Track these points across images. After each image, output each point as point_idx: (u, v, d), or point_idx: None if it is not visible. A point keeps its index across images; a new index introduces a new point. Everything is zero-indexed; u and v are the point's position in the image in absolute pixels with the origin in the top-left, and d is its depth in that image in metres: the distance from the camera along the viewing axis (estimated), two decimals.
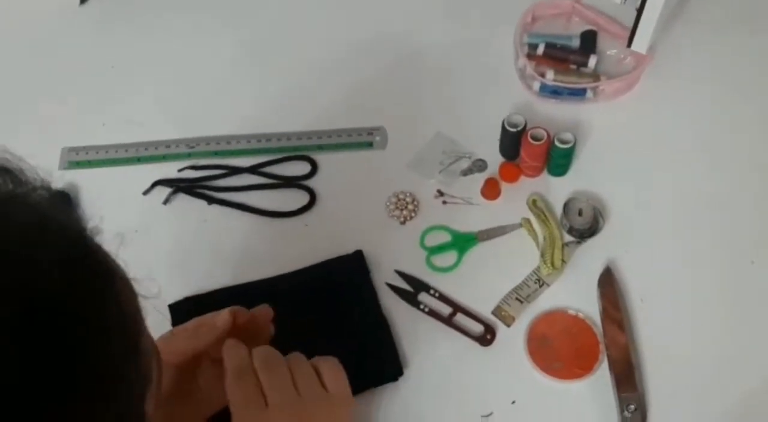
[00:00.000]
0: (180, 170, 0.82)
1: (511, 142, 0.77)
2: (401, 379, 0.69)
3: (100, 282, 0.38)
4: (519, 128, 0.75)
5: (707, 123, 0.82)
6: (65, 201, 0.78)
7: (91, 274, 0.37)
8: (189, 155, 0.83)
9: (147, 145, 0.84)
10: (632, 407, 0.66)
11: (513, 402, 0.68)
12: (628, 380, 0.68)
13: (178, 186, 0.80)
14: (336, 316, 0.71)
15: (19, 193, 0.37)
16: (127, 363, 0.39)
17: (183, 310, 0.72)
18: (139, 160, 0.83)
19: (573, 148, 0.75)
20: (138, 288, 0.41)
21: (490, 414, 0.67)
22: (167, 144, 0.84)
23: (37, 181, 0.38)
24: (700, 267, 0.74)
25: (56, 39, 0.94)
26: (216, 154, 0.83)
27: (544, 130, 0.75)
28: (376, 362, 0.69)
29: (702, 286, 0.73)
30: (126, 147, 0.84)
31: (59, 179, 0.40)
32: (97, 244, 0.39)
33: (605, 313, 0.71)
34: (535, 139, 0.75)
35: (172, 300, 0.73)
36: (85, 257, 0.38)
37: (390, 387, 0.69)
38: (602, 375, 0.69)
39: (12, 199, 0.37)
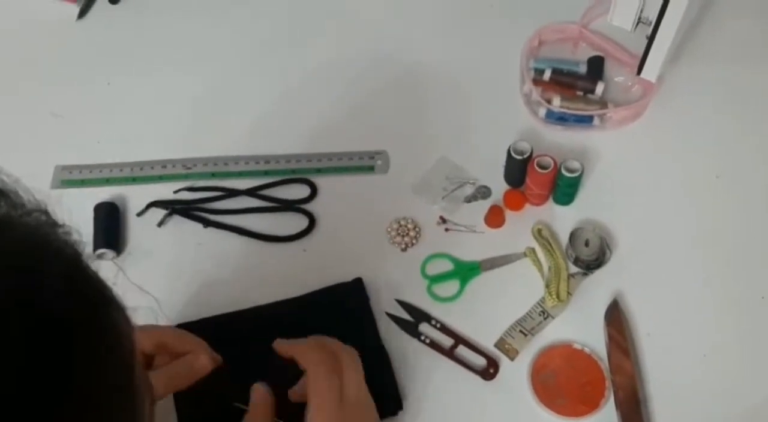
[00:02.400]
0: (176, 191, 0.80)
1: (517, 169, 0.75)
2: (400, 413, 0.67)
3: (97, 307, 0.36)
4: (525, 155, 0.74)
5: (716, 152, 0.81)
6: (114, 212, 0.78)
7: (87, 298, 0.36)
8: (186, 176, 0.81)
9: (142, 164, 0.82)
10: None
11: None
12: (635, 417, 0.65)
13: (174, 208, 0.78)
14: None
15: (14, 216, 0.35)
16: (120, 397, 0.37)
17: None
18: (134, 180, 0.81)
19: (580, 177, 0.74)
20: (133, 318, 0.40)
21: None
22: (163, 164, 0.82)
23: (32, 204, 0.37)
24: (709, 301, 0.72)
25: (51, 54, 0.92)
26: (213, 175, 0.81)
27: (551, 157, 0.73)
28: (375, 394, 0.66)
29: (711, 321, 0.71)
30: (121, 166, 0.82)
31: (50, 198, 0.39)
32: (93, 270, 0.37)
33: (612, 348, 0.69)
34: (541, 167, 0.73)
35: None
36: (83, 280, 0.36)
37: (389, 421, 0.66)
38: (608, 412, 0.67)
39: (8, 220, 0.35)
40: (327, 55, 0.90)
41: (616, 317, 0.70)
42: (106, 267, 0.38)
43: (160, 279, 0.74)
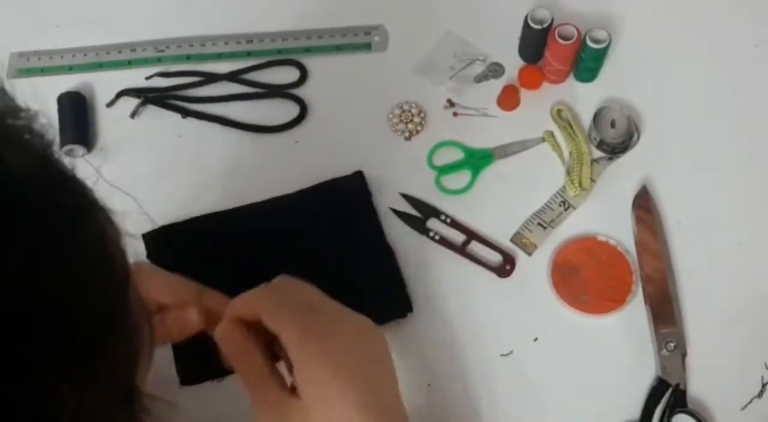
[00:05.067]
0: (148, 78, 0.72)
1: (535, 41, 0.67)
2: (410, 316, 0.62)
3: (73, 209, 0.29)
4: (545, 25, 0.65)
5: (757, 18, 0.72)
6: (81, 102, 0.70)
7: (60, 198, 0.29)
8: (158, 60, 0.73)
9: (109, 48, 0.74)
10: (671, 344, 0.59)
11: (535, 339, 0.61)
12: (666, 314, 0.60)
13: (147, 96, 0.71)
14: (333, 247, 0.63)
15: None
16: (114, 317, 0.30)
17: (158, 241, 0.64)
18: (100, 66, 0.73)
19: (607, 49, 0.65)
20: (122, 224, 0.33)
21: (510, 352, 0.61)
22: (132, 47, 0.74)
23: None
24: (747, 185, 0.66)
25: None
26: (189, 58, 0.73)
27: (574, 26, 0.65)
28: (382, 297, 0.62)
29: (748, 207, 0.65)
30: (85, 51, 0.74)
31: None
32: (66, 165, 0.30)
33: (640, 239, 0.63)
34: (563, 37, 0.64)
35: (145, 229, 0.64)
36: (54, 176, 0.29)
37: (398, 324, 0.61)
38: (635, 308, 0.62)
39: None
40: None
41: (645, 205, 0.64)
42: (77, 166, 0.31)
43: (138, 177, 0.67)
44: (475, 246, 0.64)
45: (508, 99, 0.68)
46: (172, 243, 0.64)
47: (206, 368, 0.58)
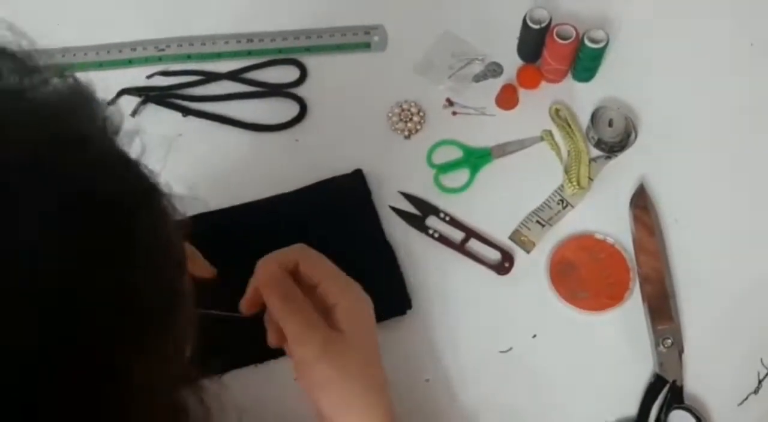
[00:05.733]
0: (149, 77, 0.72)
1: (533, 41, 0.67)
2: (409, 313, 0.62)
3: (150, 194, 0.31)
4: (543, 24, 0.65)
5: (751, 16, 0.72)
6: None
7: (140, 183, 0.31)
8: (159, 59, 0.73)
9: (109, 47, 0.74)
10: (669, 341, 0.60)
11: (534, 336, 0.62)
12: (663, 311, 0.61)
13: (148, 95, 0.71)
14: (333, 244, 0.62)
15: (28, 87, 0.29)
16: (176, 296, 0.32)
17: None
18: (101, 65, 0.73)
19: (605, 48, 0.66)
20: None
21: (509, 349, 0.61)
22: (133, 46, 0.74)
23: (49, 71, 0.31)
24: (743, 184, 0.66)
25: None
26: (189, 57, 0.73)
27: (572, 26, 0.65)
28: (381, 294, 0.61)
29: (745, 205, 0.65)
30: (85, 50, 0.74)
31: None
32: (128, 153, 0.32)
33: (638, 237, 0.63)
34: (561, 37, 0.65)
35: None
36: (130, 162, 0.31)
37: (397, 321, 0.62)
38: (633, 305, 0.62)
39: (23, 93, 0.29)
40: None
41: (642, 204, 0.64)
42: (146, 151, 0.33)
43: None
44: (474, 244, 0.64)
45: (507, 98, 0.68)
46: None
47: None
